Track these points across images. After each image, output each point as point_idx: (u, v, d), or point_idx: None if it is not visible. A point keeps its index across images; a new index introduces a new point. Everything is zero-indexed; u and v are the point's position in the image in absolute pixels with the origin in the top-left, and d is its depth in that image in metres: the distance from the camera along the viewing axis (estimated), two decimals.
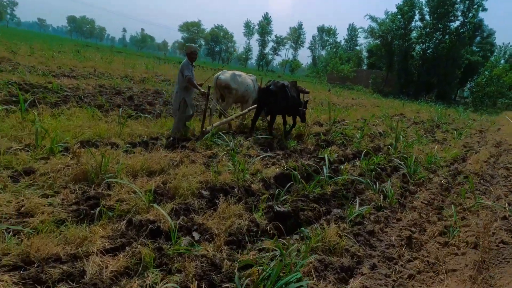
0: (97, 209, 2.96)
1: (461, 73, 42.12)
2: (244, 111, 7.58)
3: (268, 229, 3.22)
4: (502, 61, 47.42)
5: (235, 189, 3.88)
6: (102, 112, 6.65)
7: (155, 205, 3.07)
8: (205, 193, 3.72)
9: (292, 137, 7.59)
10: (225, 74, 7.18)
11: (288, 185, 4.11)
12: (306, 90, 8.24)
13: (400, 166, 5.90)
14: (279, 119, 7.73)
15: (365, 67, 60.84)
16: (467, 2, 39.01)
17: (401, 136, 7.69)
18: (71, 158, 3.91)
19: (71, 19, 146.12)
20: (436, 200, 4.63)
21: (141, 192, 3.20)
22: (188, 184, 3.71)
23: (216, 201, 3.56)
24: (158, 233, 2.87)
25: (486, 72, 37.88)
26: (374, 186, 4.56)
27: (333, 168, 5.29)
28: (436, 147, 7.57)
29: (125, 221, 2.90)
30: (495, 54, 52.98)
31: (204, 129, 5.98)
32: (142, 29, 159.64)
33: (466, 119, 19.44)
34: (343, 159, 6.18)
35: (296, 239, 3.20)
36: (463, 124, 16.31)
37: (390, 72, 45.98)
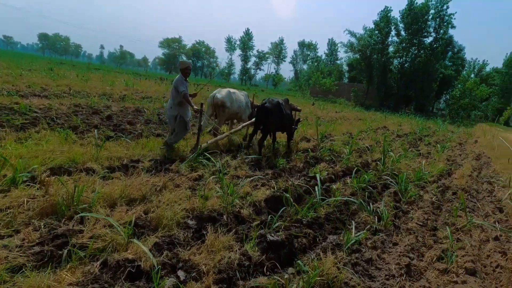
0: (66, 249, 2.60)
1: (437, 86, 43.77)
2: (238, 127, 7.54)
3: (261, 261, 2.93)
4: (472, 75, 49.86)
5: (224, 216, 3.59)
6: (77, 134, 6.22)
7: (135, 240, 2.75)
8: (191, 222, 3.41)
9: (281, 155, 7.39)
10: (221, 93, 7.21)
11: (280, 210, 3.84)
12: (298, 108, 8.30)
13: (391, 183, 5.75)
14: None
15: (346, 81, 62.18)
16: (438, 19, 41.03)
17: (389, 151, 7.61)
18: (37, 189, 3.49)
19: (43, 36, 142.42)
20: (429, 220, 4.46)
21: (119, 226, 2.86)
22: (173, 213, 3.39)
23: (204, 232, 3.25)
24: (138, 274, 2.54)
25: (459, 86, 39.86)
26: (368, 207, 4.35)
27: (325, 188, 5.07)
28: (423, 162, 7.49)
29: (99, 262, 2.55)
30: (466, 68, 55.88)
31: (200, 146, 5.90)
32: (121, 46, 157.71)
33: (445, 131, 19.85)
34: (333, 177, 5.99)
35: (292, 273, 2.91)
36: (443, 137, 16.59)
37: (371, 85, 47.11)
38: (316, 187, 4.49)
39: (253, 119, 7.26)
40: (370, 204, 4.63)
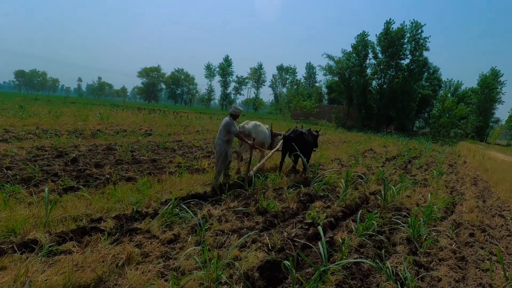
0: None
1: (416, 105, 44.86)
2: (269, 155, 8.31)
3: None
4: (449, 95, 51.84)
5: None
6: (29, 188, 5.22)
7: None
8: None
9: (270, 189, 6.60)
10: (248, 124, 8.07)
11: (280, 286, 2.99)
12: (314, 133, 9.36)
13: (400, 225, 5.00)
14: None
15: (325, 102, 62.97)
16: (413, 42, 42.65)
17: (387, 182, 6.95)
18: None
19: (19, 73, 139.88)
20: (461, 283, 3.67)
21: None
22: None
23: None
24: None
25: (438, 105, 41.19)
26: (384, 266, 3.55)
27: (327, 240, 4.25)
28: (428, 195, 6.83)
29: None
30: (442, 88, 58.23)
31: (249, 174, 6.88)
32: (99, 77, 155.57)
33: (430, 151, 19.63)
34: (333, 220, 5.20)
35: None
36: (431, 158, 16.27)
37: (351, 106, 47.65)
38: (319, 243, 3.67)
39: (277, 148, 8.45)
40: (383, 258, 3.85)
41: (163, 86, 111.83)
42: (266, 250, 3.83)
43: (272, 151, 8.47)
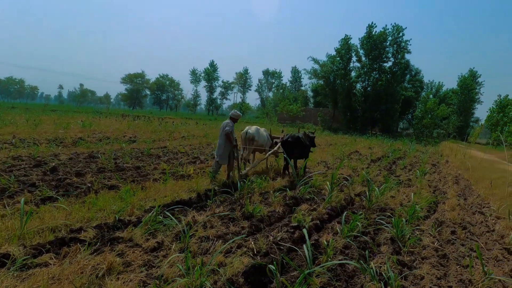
0: None
1: (399, 107, 45.75)
2: (267, 155, 9.16)
3: None
4: (431, 96, 53.16)
5: None
6: (2, 199, 4.99)
7: None
8: None
9: (256, 194, 6.56)
10: (252, 129, 8.88)
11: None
12: (310, 135, 9.96)
13: (384, 226, 5.04)
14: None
15: (311, 106, 63.47)
16: (395, 45, 43.53)
17: (372, 184, 7.01)
18: None
19: None
20: (443, 280, 3.70)
21: None
22: None
23: None
24: None
25: (421, 106, 42.30)
26: (368, 266, 3.54)
27: (313, 242, 4.24)
28: (412, 195, 6.93)
29: None
30: (424, 89, 59.80)
31: (240, 173, 7.54)
32: (81, 84, 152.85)
33: (414, 151, 20.00)
34: (318, 222, 5.19)
35: None
36: (415, 158, 16.57)
37: (336, 109, 48.21)
38: (304, 247, 3.64)
39: (275, 148, 9.06)
40: (368, 259, 3.86)
41: (148, 92, 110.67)
42: (252, 255, 3.78)
43: (270, 151, 9.13)
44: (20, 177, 6.32)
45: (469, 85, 56.95)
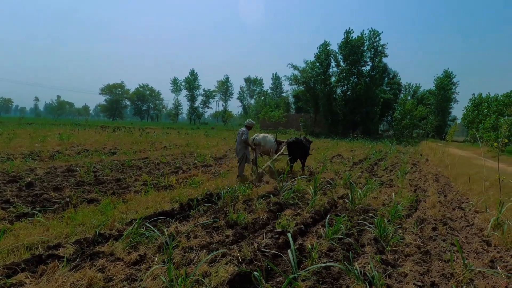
0: None
1: (379, 110, 46.87)
2: (274, 157, 10.42)
3: None
4: (409, 98, 54.78)
5: None
6: None
7: None
8: None
9: (240, 201, 6.52)
10: (259, 136, 10.33)
11: None
12: (310, 140, 11.70)
13: (367, 227, 5.11)
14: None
15: (293, 112, 64.15)
16: (372, 50, 44.73)
17: (354, 186, 7.12)
18: None
19: None
20: (425, 276, 3.79)
21: None
22: None
23: None
24: None
25: (399, 108, 43.58)
26: (353, 268, 3.57)
27: (298, 247, 4.24)
28: (393, 195, 7.07)
29: None
30: (402, 91, 61.72)
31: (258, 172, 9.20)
32: (58, 96, 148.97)
33: (395, 152, 20.45)
34: (303, 227, 5.21)
35: None
36: (396, 159, 16.93)
37: (318, 114, 48.88)
38: (289, 251, 3.64)
39: (281, 151, 10.80)
40: (351, 260, 3.89)
41: (128, 103, 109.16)
42: (237, 263, 3.75)
43: (277, 154, 10.66)
44: None
45: (445, 85, 59.01)
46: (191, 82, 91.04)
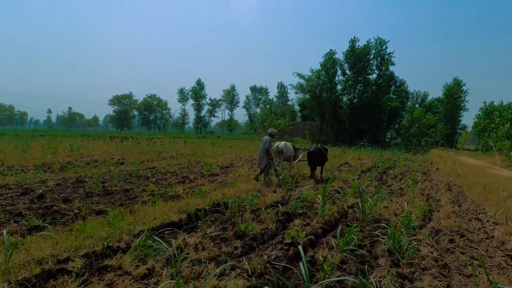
0: None
1: (386, 117, 46.60)
2: (293, 164, 11.55)
3: None
4: (417, 106, 54.45)
5: None
6: None
7: None
8: None
9: (248, 211, 6.46)
10: (281, 144, 11.02)
11: None
12: (326, 147, 12.78)
13: (380, 238, 5.00)
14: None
15: (299, 120, 64.10)
16: (379, 58, 44.67)
17: (364, 195, 7.02)
18: None
19: None
20: None
21: None
22: None
23: None
24: None
25: (407, 116, 43.35)
26: (370, 284, 3.46)
27: (309, 259, 4.17)
28: (405, 204, 6.95)
29: None
30: (410, 99, 61.49)
31: (280, 177, 9.57)
32: (70, 108, 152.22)
33: (404, 160, 20.21)
34: (313, 238, 5.13)
35: None
36: (405, 167, 16.72)
37: (324, 122, 48.77)
38: (300, 264, 3.56)
39: (299, 158, 11.78)
40: (367, 273, 3.81)
41: (136, 113, 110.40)
42: (246, 276, 3.69)
43: (296, 161, 11.55)
44: (6, 207, 6.13)
45: (454, 93, 58.59)
46: (198, 91, 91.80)
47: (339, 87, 47.38)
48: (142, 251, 4.17)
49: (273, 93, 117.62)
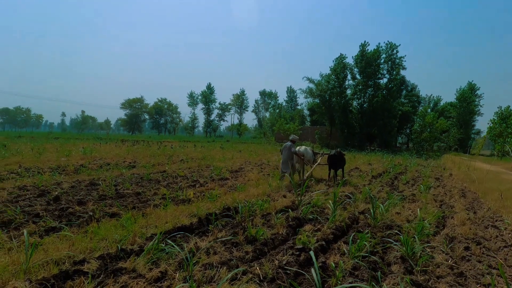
0: None
1: (397, 122, 46.11)
2: (313, 167, 11.87)
3: None
4: (429, 110, 53.75)
5: None
6: (9, 231, 4.97)
7: None
8: None
9: (258, 216, 6.51)
10: (302, 148, 11.85)
11: None
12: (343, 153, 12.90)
13: (392, 244, 4.97)
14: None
15: (308, 124, 63.95)
16: (389, 62, 44.34)
17: (375, 200, 6.98)
18: None
19: (4, 111, 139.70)
20: None
21: None
22: None
23: None
24: None
25: (419, 120, 42.80)
26: None
27: (320, 265, 4.18)
28: (417, 210, 6.88)
29: None
30: (422, 104, 60.75)
31: (300, 180, 11.12)
32: (83, 111, 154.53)
33: (415, 166, 19.97)
34: (324, 243, 5.13)
35: None
36: (417, 173, 16.52)
37: (333, 126, 48.55)
38: (312, 270, 3.58)
39: (318, 162, 12.34)
40: (380, 280, 3.80)
41: (147, 117, 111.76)
42: (258, 281, 3.73)
43: (315, 164, 12.14)
44: (25, 208, 6.33)
45: (468, 98, 57.70)
46: (208, 95, 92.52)
47: (349, 91, 47.19)
48: (155, 254, 4.24)
49: (282, 98, 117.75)
